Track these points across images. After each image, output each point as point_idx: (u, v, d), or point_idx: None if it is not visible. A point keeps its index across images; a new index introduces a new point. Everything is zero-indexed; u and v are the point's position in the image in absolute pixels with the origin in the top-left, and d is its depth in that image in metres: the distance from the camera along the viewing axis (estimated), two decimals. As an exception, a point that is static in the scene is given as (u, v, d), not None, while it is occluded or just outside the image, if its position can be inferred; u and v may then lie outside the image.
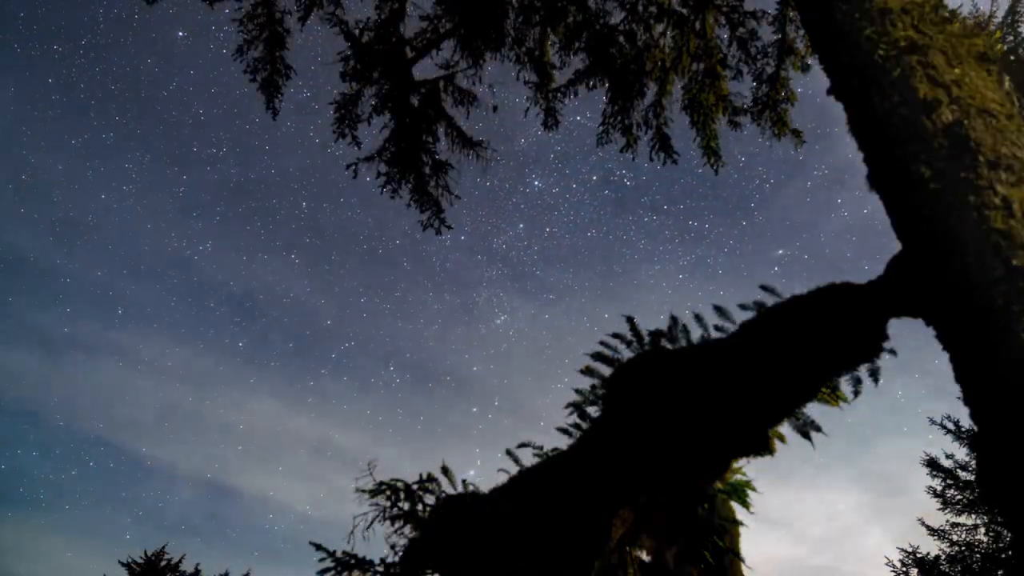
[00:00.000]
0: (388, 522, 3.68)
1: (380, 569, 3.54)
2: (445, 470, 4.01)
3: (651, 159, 7.26)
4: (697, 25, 6.66)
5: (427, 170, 7.05)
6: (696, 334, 4.38)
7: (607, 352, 4.76)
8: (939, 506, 14.57)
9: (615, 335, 4.78)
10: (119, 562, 18.15)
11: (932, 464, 14.77)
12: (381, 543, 3.63)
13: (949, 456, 14.70)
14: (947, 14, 2.45)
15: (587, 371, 4.78)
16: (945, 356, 1.97)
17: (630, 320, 4.79)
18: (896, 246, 2.37)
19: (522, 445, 4.50)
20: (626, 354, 4.70)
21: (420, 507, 3.70)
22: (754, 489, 4.82)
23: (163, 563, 18.38)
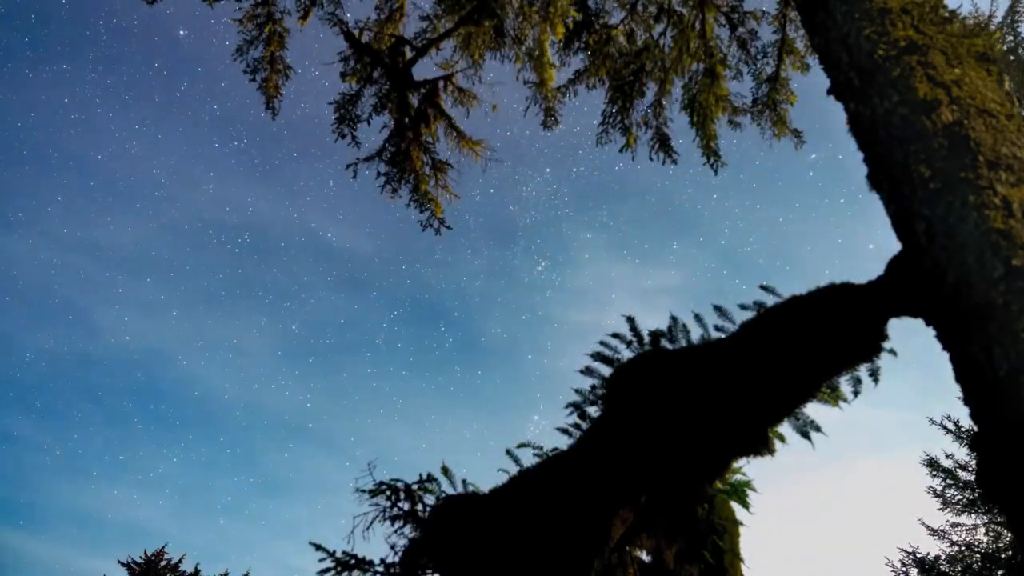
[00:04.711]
0: (388, 522, 3.68)
1: (380, 569, 3.54)
2: (445, 470, 4.01)
3: (651, 159, 7.26)
4: (697, 25, 6.66)
5: (427, 170, 7.05)
6: (696, 334, 4.38)
7: (607, 352, 4.76)
8: (939, 506, 14.58)
9: (615, 335, 4.78)
10: (119, 562, 18.16)
11: (932, 464, 14.77)
12: (381, 543, 3.63)
13: (949, 456, 14.70)
14: (947, 14, 2.44)
15: (587, 371, 4.78)
16: (945, 356, 1.97)
17: (630, 320, 4.79)
18: (896, 246, 2.37)
19: (522, 445, 4.50)
20: (626, 354, 4.70)
21: (420, 507, 3.70)
22: (754, 489, 4.83)
23: (163, 563, 18.39)
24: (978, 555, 13.76)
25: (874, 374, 3.58)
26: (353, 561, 3.58)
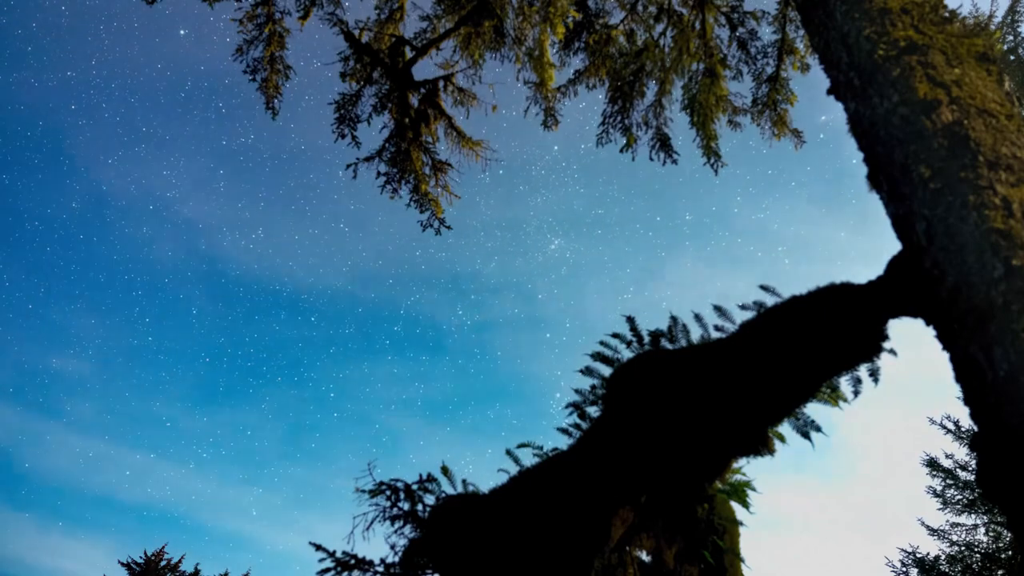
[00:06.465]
0: (388, 522, 3.68)
1: (380, 569, 3.54)
2: (445, 470, 4.01)
3: (651, 159, 7.26)
4: (697, 25, 6.66)
5: (427, 170, 7.05)
6: (696, 334, 4.38)
7: (607, 352, 4.76)
8: (939, 506, 14.58)
9: (615, 335, 4.78)
10: (119, 562, 18.18)
11: (932, 464, 14.77)
12: (381, 543, 3.63)
13: (949, 456, 14.70)
14: (947, 14, 2.44)
15: (587, 371, 4.78)
16: (945, 356, 1.97)
17: (630, 320, 4.79)
18: (896, 246, 2.37)
19: (522, 445, 4.50)
20: (626, 354, 4.70)
21: (420, 507, 3.70)
22: (754, 489, 4.82)
23: (163, 563, 18.40)
24: (978, 555, 13.76)
25: (874, 374, 3.57)
26: (353, 561, 3.58)
